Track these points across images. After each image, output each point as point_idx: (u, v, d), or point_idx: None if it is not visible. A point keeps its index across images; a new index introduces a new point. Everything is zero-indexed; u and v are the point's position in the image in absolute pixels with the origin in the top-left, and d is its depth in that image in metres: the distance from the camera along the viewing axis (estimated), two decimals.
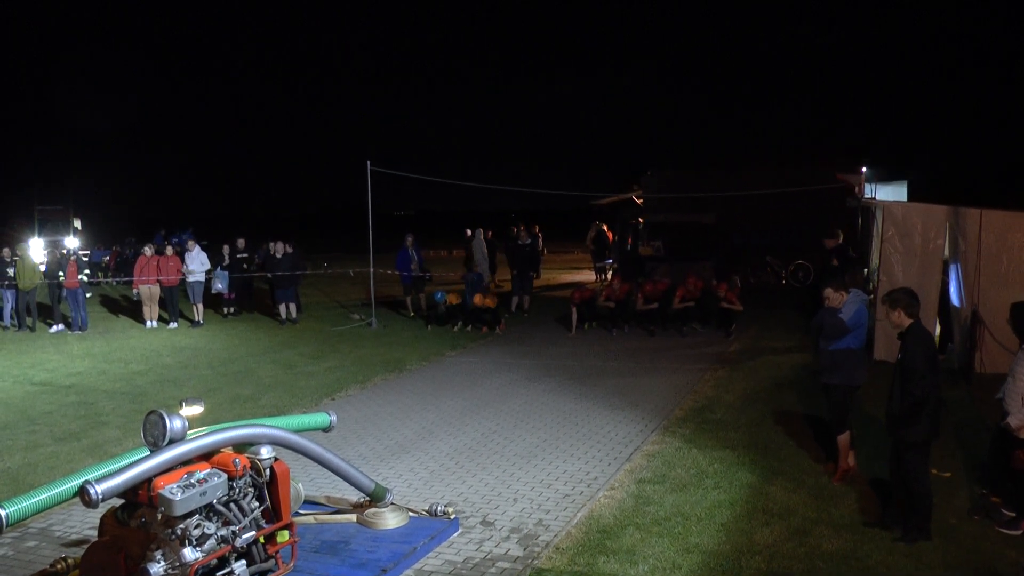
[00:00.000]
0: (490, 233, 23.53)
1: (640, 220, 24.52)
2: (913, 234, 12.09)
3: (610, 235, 26.01)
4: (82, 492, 4.88)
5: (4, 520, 4.77)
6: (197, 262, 18.83)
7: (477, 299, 17.04)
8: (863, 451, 7.87)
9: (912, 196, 26.13)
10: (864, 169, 24.92)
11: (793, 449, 8.47)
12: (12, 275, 18.38)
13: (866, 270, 16.02)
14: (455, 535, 6.61)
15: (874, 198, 21.96)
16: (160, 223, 34.97)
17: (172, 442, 5.34)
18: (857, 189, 23.83)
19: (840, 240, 15.14)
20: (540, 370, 12.82)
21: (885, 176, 26.92)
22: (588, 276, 26.76)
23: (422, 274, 19.81)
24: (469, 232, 23.08)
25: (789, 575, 5.73)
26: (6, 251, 18.73)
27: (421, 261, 20.08)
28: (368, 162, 17.86)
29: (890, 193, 25.84)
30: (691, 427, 9.41)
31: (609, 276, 24.68)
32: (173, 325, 18.57)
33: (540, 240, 21.43)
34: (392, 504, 6.76)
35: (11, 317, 18.82)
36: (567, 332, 16.20)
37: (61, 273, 18.18)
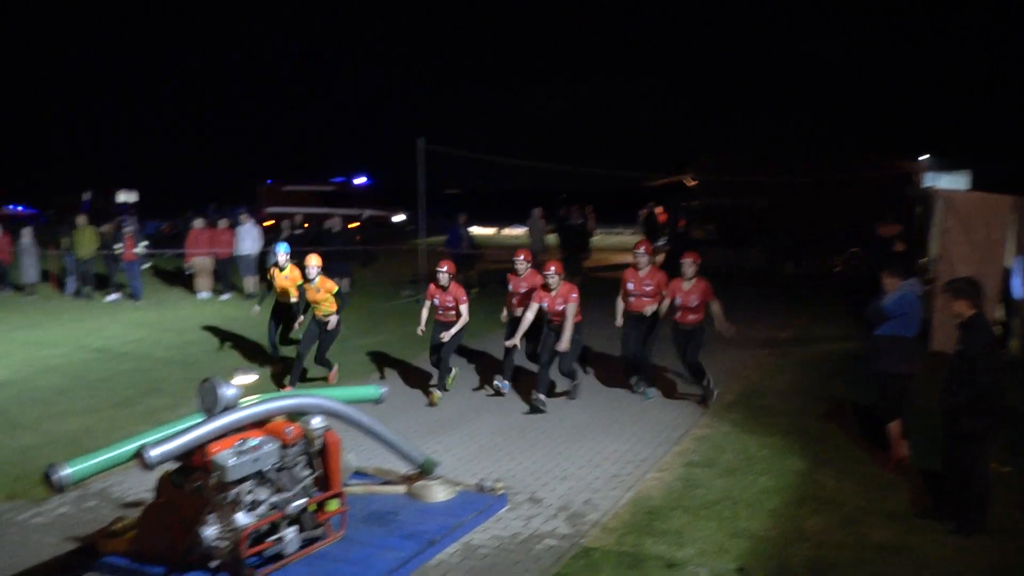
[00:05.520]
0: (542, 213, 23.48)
1: (692, 203, 24.31)
2: (975, 224, 11.80)
3: (662, 217, 25.78)
4: (139, 455, 4.99)
5: (67, 479, 4.90)
6: (250, 237, 19.06)
7: None
8: (916, 443, 7.73)
9: (975, 186, 25.54)
10: (925, 157, 24.40)
11: (843, 438, 8.35)
12: (70, 244, 18.84)
13: (924, 260, 15.71)
14: (503, 511, 6.64)
15: (935, 187, 21.51)
16: (213, 198, 35.38)
17: (225, 409, 5.44)
18: (917, 177, 23.36)
19: (895, 228, 14.82)
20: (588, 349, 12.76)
21: (947, 165, 26.30)
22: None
23: (472, 252, 19.85)
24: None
25: (838, 564, 5.66)
26: (81, 218, 19.15)
27: (472, 240, 20.12)
28: (420, 140, 17.92)
29: (952, 182, 25.27)
30: (740, 412, 9.33)
31: (660, 259, 24.52)
32: (225, 297, 18.84)
33: (591, 220, 21.31)
34: (441, 478, 6.81)
35: (74, 284, 19.30)
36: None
37: (118, 245, 18.57)
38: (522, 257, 10.41)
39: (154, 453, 4.99)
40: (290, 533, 5.52)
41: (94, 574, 5.74)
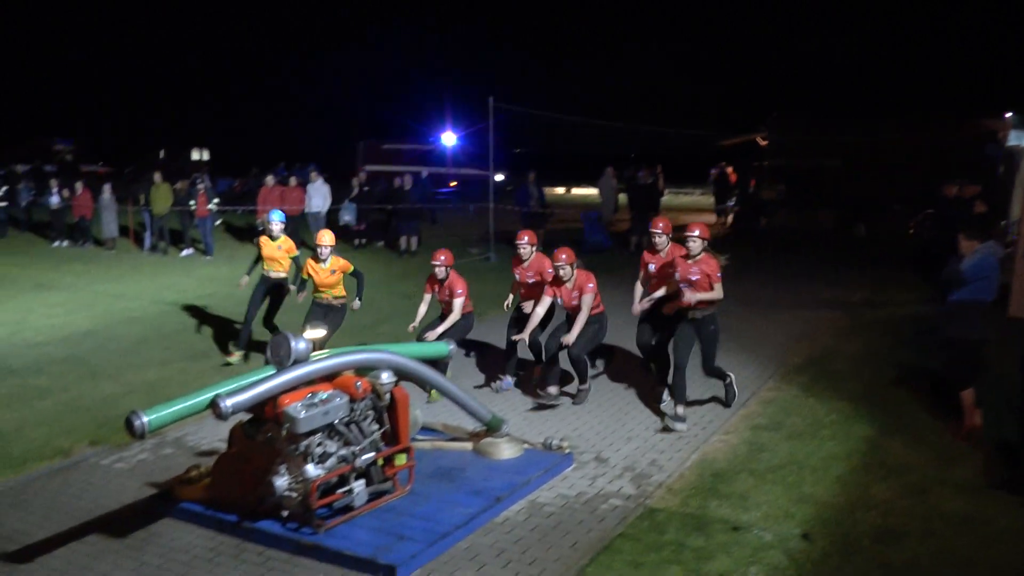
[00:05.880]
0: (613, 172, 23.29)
1: (763, 163, 23.86)
2: None
3: (733, 177, 25.33)
4: (214, 405, 5.13)
5: (145, 427, 5.06)
6: (320, 195, 19.30)
7: None
8: (990, 412, 7.54)
9: None
10: (1010, 115, 23.48)
11: (914, 405, 8.18)
12: (147, 200, 19.37)
13: (1004, 222, 15.21)
14: (569, 470, 6.69)
15: (1021, 145, 20.71)
16: (283, 156, 35.84)
17: (296, 363, 5.55)
18: (1001, 135, 22.51)
19: (960, 189, 14.32)
20: None
21: None
22: (708, 218, 26.20)
23: (542, 211, 19.80)
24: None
25: (905, 534, 5.57)
26: (157, 176, 19.64)
27: (542, 198, 20.06)
28: (491, 98, 17.90)
29: None
30: (808, 376, 9.21)
31: (729, 219, 24.15)
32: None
33: (660, 180, 21.06)
34: (508, 436, 6.87)
35: (151, 239, 19.85)
36: None
37: (192, 201, 19.03)
38: (526, 240, 8.92)
39: (228, 403, 5.12)
40: (358, 486, 5.65)
41: (172, 519, 5.96)
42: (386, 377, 5.85)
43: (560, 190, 39.48)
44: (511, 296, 9.37)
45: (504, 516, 5.88)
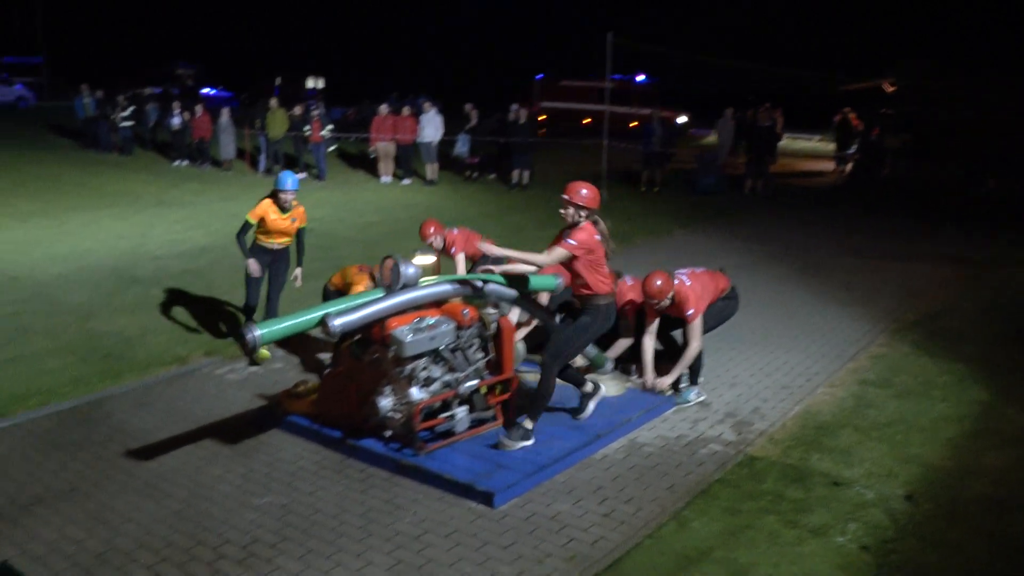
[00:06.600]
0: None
1: (889, 110, 22.83)
2: None
3: (856, 124, 24.29)
4: (323, 324, 5.25)
5: (257, 340, 5.23)
6: (432, 125, 19.39)
7: None
8: None
9: None
10: None
11: None
12: (263, 125, 19.87)
13: None
14: (670, 412, 6.65)
15: None
16: (397, 87, 36.07)
17: (405, 287, 5.62)
18: None
19: None
20: (768, 257, 12.46)
21: None
22: (827, 165, 25.29)
23: (663, 150, 19.44)
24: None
25: (1017, 507, 5.30)
26: (273, 102, 20.13)
27: (666, 137, 19.67)
28: (609, 34, 17.59)
29: None
30: (923, 333, 8.85)
31: (849, 168, 23.27)
32: (406, 182, 19.38)
33: (780, 123, 20.40)
34: (611, 373, 6.85)
35: (265, 162, 20.37)
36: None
37: (307, 127, 19.42)
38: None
39: (336, 323, 5.24)
40: (461, 412, 5.73)
41: (280, 431, 6.19)
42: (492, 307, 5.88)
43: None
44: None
45: (602, 453, 5.90)
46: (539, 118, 28.97)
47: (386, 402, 5.46)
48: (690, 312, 6.56)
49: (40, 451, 5.94)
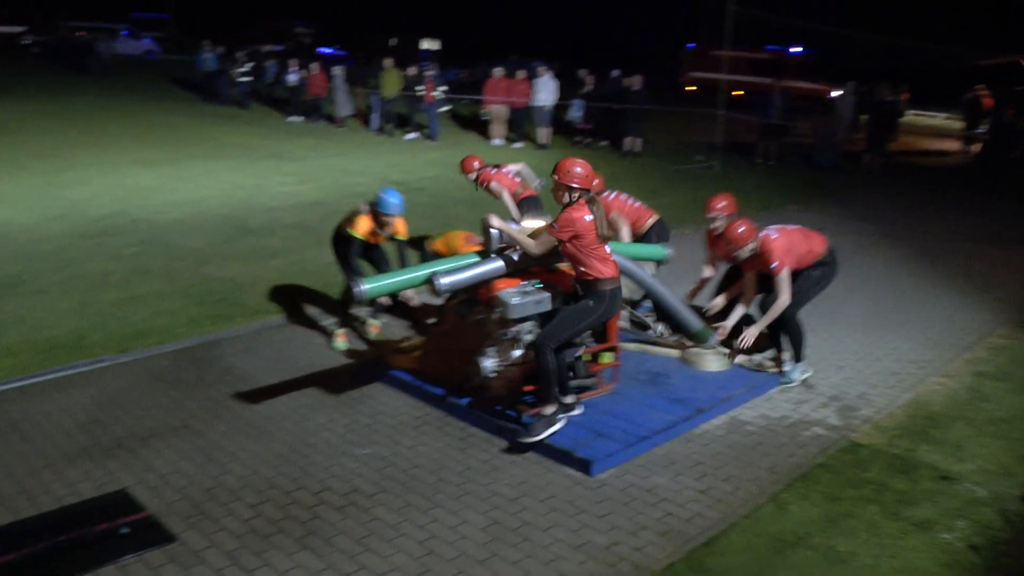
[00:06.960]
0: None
1: None
2: None
3: (988, 102, 22.95)
4: (431, 281, 5.30)
5: (364, 294, 5.33)
6: (546, 89, 19.28)
7: None
8: None
9: None
10: None
11: None
12: (377, 84, 20.12)
13: None
14: (774, 391, 6.49)
15: None
16: (512, 50, 35.93)
17: (503, 250, 5.61)
18: None
19: None
20: (883, 238, 12.01)
21: None
22: (952, 145, 24.12)
23: (781, 123, 18.91)
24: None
25: None
26: (387, 61, 20.33)
27: (786, 109, 19.12)
28: (729, 2, 17.19)
29: None
30: None
31: (975, 148, 22.14)
32: (518, 145, 19.37)
33: (903, 100, 19.56)
34: (715, 348, 6.73)
35: (378, 120, 20.66)
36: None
37: (420, 87, 19.58)
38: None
39: (444, 281, 5.29)
40: None
41: (383, 384, 6.29)
42: None
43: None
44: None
45: (703, 428, 5.81)
46: (687, 88, 28.21)
47: (489, 363, 5.48)
48: (774, 264, 6.31)
49: (157, 388, 6.19)
